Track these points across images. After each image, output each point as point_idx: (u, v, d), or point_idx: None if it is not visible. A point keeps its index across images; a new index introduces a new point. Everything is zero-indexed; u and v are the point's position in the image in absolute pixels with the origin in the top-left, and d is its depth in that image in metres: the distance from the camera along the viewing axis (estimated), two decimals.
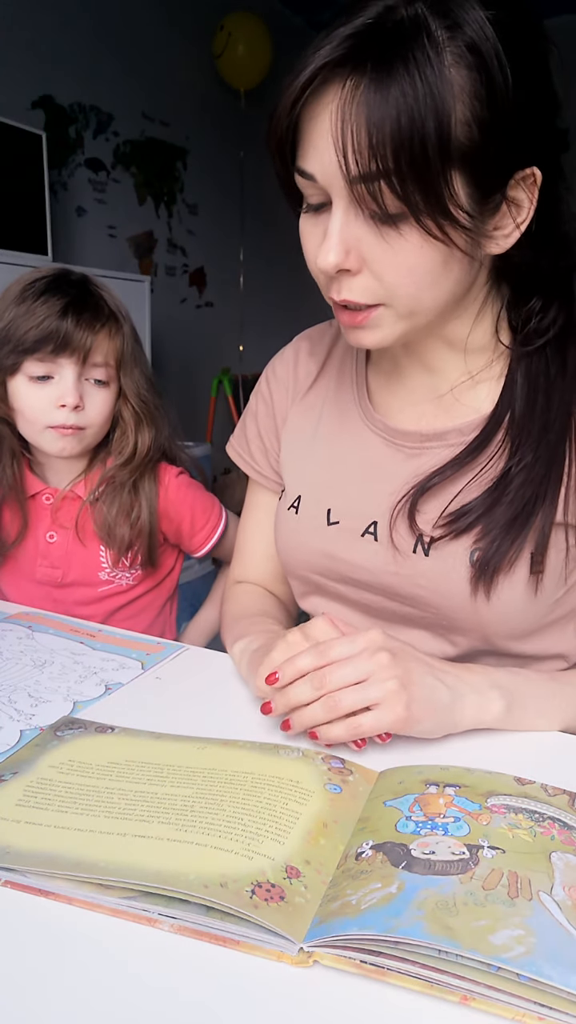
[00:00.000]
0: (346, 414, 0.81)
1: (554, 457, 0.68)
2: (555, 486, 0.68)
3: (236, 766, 0.56)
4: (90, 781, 0.55)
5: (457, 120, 0.55)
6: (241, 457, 0.94)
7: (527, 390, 0.70)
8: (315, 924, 0.42)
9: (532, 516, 0.68)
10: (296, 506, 0.82)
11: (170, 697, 0.74)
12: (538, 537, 0.68)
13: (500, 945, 0.38)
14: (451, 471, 0.71)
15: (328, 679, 0.60)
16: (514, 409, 0.70)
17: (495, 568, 0.68)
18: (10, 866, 0.46)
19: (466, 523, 0.69)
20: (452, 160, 0.56)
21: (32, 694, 0.72)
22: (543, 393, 0.70)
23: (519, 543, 0.68)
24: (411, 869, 0.44)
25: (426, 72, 0.54)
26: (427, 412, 0.76)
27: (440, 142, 0.55)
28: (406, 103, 0.54)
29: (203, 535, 1.13)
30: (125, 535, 1.05)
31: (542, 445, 0.68)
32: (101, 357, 1.01)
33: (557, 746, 0.66)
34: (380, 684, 0.60)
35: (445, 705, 0.63)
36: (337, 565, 0.78)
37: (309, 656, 0.62)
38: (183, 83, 3.53)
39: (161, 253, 3.59)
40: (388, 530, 0.74)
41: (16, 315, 0.97)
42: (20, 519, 1.07)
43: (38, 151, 2.43)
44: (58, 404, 0.99)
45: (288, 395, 0.89)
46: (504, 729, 0.66)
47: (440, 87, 0.54)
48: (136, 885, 0.43)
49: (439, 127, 0.55)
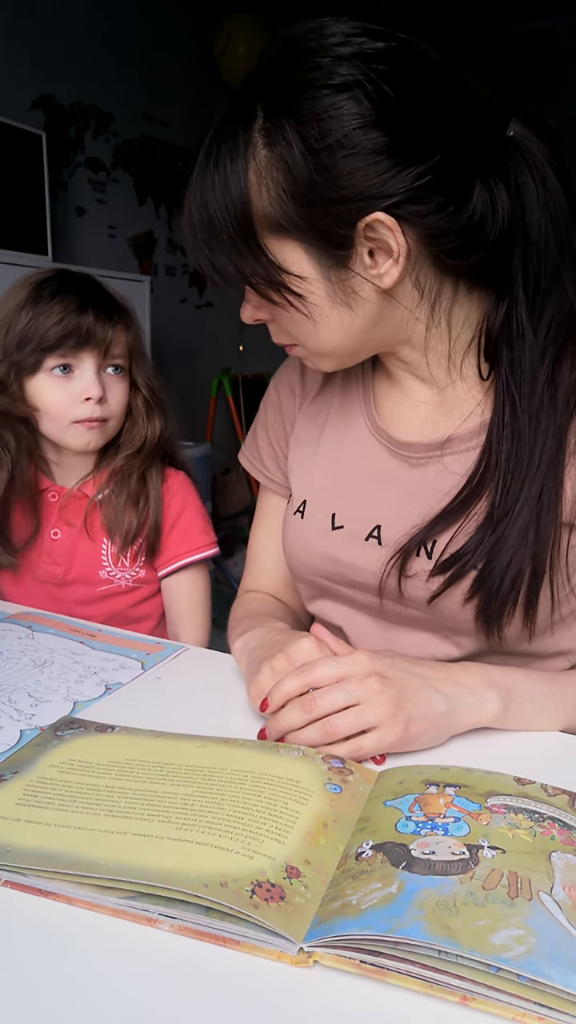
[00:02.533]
0: (352, 420, 0.82)
1: (548, 462, 0.67)
2: (551, 494, 0.67)
3: (236, 765, 0.56)
4: (90, 780, 0.55)
5: (268, 197, 0.61)
6: (252, 465, 0.95)
7: (515, 391, 0.69)
8: (315, 924, 0.42)
9: (528, 534, 0.67)
10: (302, 511, 0.83)
11: (170, 697, 0.74)
12: (537, 549, 0.67)
13: (500, 945, 0.38)
14: (457, 510, 0.70)
15: (318, 703, 0.60)
16: (503, 418, 0.69)
17: (499, 613, 0.68)
18: (10, 865, 0.46)
19: (463, 565, 0.69)
20: (264, 232, 0.63)
21: (32, 694, 0.72)
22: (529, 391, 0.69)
23: (519, 562, 0.67)
24: (411, 869, 0.44)
25: (226, 160, 0.62)
26: (429, 419, 0.76)
27: (240, 221, 0.62)
28: (204, 193, 0.63)
29: (175, 550, 1.11)
30: (132, 524, 1.06)
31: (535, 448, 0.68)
32: (119, 349, 1.03)
33: (557, 746, 0.66)
34: (375, 709, 0.60)
35: (443, 714, 0.63)
36: (341, 569, 0.79)
37: (293, 679, 0.62)
38: (183, 83, 3.53)
39: (161, 253, 3.59)
40: (400, 546, 0.73)
41: (34, 315, 0.98)
42: (33, 520, 1.07)
43: (38, 151, 2.43)
44: (83, 398, 1.00)
45: (296, 400, 0.90)
46: (503, 728, 0.66)
47: (238, 171, 0.61)
48: (136, 885, 0.43)
49: (233, 209, 0.62)
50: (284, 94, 0.60)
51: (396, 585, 0.73)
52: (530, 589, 0.67)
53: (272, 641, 0.73)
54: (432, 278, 0.67)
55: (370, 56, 0.59)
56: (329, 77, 0.58)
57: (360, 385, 0.83)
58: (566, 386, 0.68)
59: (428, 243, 0.64)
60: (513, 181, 0.64)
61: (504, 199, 0.64)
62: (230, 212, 0.62)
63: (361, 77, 0.58)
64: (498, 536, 0.67)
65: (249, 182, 0.61)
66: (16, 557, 1.07)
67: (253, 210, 0.62)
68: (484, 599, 0.68)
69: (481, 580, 0.68)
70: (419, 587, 0.72)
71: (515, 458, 0.68)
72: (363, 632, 0.81)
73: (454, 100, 0.62)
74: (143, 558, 1.09)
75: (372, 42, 0.60)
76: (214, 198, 0.62)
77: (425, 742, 0.62)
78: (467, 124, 0.62)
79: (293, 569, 0.86)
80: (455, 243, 0.64)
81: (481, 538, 0.68)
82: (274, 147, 0.60)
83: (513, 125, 0.65)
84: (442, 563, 0.70)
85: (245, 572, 0.99)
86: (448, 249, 0.64)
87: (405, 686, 0.62)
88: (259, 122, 0.61)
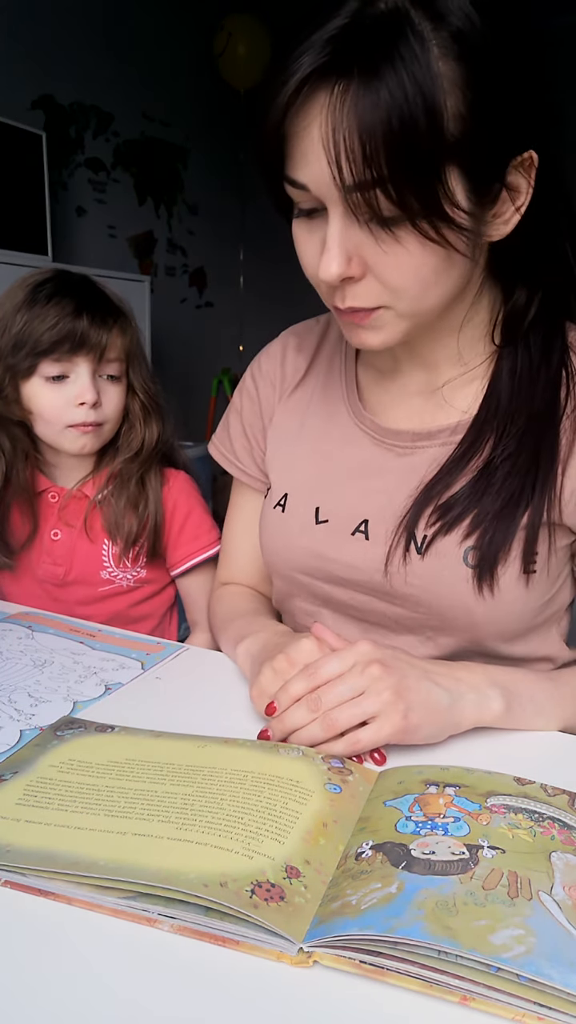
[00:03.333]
0: (334, 411, 0.81)
1: (539, 449, 0.68)
2: (542, 481, 0.68)
3: (236, 765, 0.56)
4: (90, 780, 0.55)
5: (449, 115, 0.54)
6: (224, 456, 0.93)
7: (511, 382, 0.70)
8: (315, 924, 0.42)
9: (519, 508, 0.68)
10: (283, 504, 0.81)
11: (170, 697, 0.74)
12: (527, 533, 0.68)
13: (500, 945, 0.38)
14: (449, 477, 0.71)
15: (323, 700, 0.60)
16: (499, 400, 0.70)
17: (493, 560, 0.68)
18: (10, 865, 0.46)
19: (455, 514, 0.69)
20: (447, 157, 0.55)
21: (32, 694, 0.72)
22: (528, 384, 0.70)
23: (511, 535, 0.68)
24: (411, 869, 0.44)
25: (413, 69, 0.52)
26: (419, 409, 0.76)
27: (434, 142, 0.54)
28: (396, 104, 0.52)
29: (188, 549, 1.12)
30: (133, 527, 1.06)
31: (526, 435, 0.68)
32: (114, 353, 1.03)
33: (557, 746, 0.65)
34: (375, 697, 0.59)
35: (444, 708, 0.62)
36: (326, 564, 0.77)
37: (301, 681, 0.62)
38: (183, 83, 3.53)
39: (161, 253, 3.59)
40: (391, 536, 0.73)
41: (29, 318, 0.98)
42: (31, 522, 1.07)
43: (38, 151, 2.43)
44: (77, 403, 1.00)
45: (275, 391, 0.88)
46: (504, 728, 0.66)
47: (429, 83, 0.53)
48: (136, 885, 0.43)
49: (432, 125, 0.53)
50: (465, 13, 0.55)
51: (408, 532, 0.72)
52: (527, 534, 0.68)
53: (275, 644, 0.72)
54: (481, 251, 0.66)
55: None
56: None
57: (343, 374, 0.82)
58: (559, 351, 0.70)
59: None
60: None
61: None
62: (428, 125, 0.53)
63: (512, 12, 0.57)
64: (490, 483, 0.67)
65: (444, 90, 0.53)
66: (13, 559, 1.07)
67: (445, 128, 0.54)
68: (481, 542, 0.68)
69: (477, 521, 0.68)
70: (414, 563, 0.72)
71: (514, 411, 0.69)
72: (339, 633, 0.80)
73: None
74: (144, 559, 1.10)
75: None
76: (407, 107, 0.52)
77: (424, 734, 0.61)
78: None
79: (272, 565, 0.84)
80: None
81: (473, 488, 0.68)
82: (467, 60, 0.54)
83: None
84: (437, 507, 0.70)
85: (220, 564, 0.98)
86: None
87: (406, 675, 0.61)
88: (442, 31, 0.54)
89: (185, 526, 1.11)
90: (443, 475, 0.71)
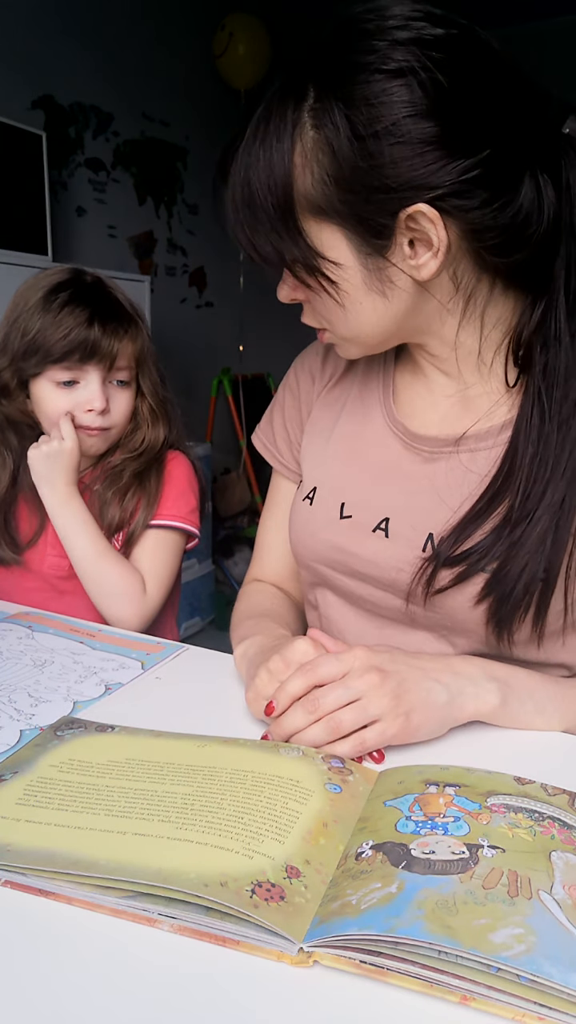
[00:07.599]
0: (369, 411, 0.82)
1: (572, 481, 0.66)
2: (574, 498, 0.66)
3: (236, 764, 0.56)
4: (90, 780, 0.55)
5: (311, 179, 0.60)
6: (266, 447, 0.95)
7: (546, 402, 0.68)
8: (315, 924, 0.42)
9: (547, 543, 0.66)
10: (311, 497, 0.83)
11: (170, 697, 0.74)
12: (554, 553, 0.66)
13: (500, 944, 0.38)
14: (480, 512, 0.69)
15: (321, 702, 0.60)
16: (531, 420, 0.68)
17: (511, 609, 0.68)
18: (10, 865, 0.46)
19: (471, 568, 0.68)
20: (304, 215, 0.62)
21: (32, 694, 0.72)
22: (558, 412, 0.67)
23: (535, 575, 0.66)
24: (411, 869, 0.44)
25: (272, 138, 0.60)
26: (449, 413, 0.76)
27: (281, 202, 0.61)
28: (247, 170, 0.62)
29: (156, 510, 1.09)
30: (115, 517, 1.07)
31: (563, 463, 0.66)
32: (125, 361, 1.04)
33: (557, 746, 0.65)
34: (376, 702, 0.60)
35: (444, 704, 0.63)
36: (347, 558, 0.78)
37: (298, 679, 0.62)
38: (183, 83, 3.52)
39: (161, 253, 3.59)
40: (412, 541, 0.73)
41: (43, 325, 0.99)
42: (38, 516, 1.08)
43: (38, 151, 2.43)
44: (85, 409, 1.02)
45: (315, 386, 0.90)
46: (501, 723, 0.66)
47: (283, 150, 0.60)
48: (136, 885, 0.43)
49: (275, 188, 0.61)
50: (336, 76, 0.59)
51: (422, 591, 0.71)
52: (542, 596, 0.67)
53: (271, 647, 0.73)
54: (470, 273, 0.67)
55: (428, 43, 0.58)
56: (384, 62, 0.57)
57: (381, 376, 0.83)
58: None
59: (470, 238, 0.63)
60: (564, 180, 0.63)
61: (551, 197, 0.63)
62: (272, 191, 0.62)
63: (416, 64, 0.57)
64: (514, 540, 0.66)
65: (294, 163, 0.61)
66: (21, 554, 1.08)
67: (295, 191, 0.61)
68: (496, 603, 0.67)
69: (494, 582, 0.67)
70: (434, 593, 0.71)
71: (540, 463, 0.67)
72: (357, 626, 0.81)
73: (511, 94, 0.60)
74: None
75: (432, 28, 0.59)
76: (257, 176, 0.62)
77: (426, 733, 0.62)
78: (521, 119, 0.61)
79: (298, 555, 0.86)
80: (497, 240, 0.63)
81: (495, 540, 0.67)
82: (321, 129, 0.59)
83: (570, 122, 0.64)
84: (452, 558, 0.69)
85: (253, 559, 1.00)
86: (490, 246, 0.63)
87: (405, 678, 0.62)
88: (309, 102, 0.60)
89: (166, 495, 1.10)
90: (469, 519, 0.69)
